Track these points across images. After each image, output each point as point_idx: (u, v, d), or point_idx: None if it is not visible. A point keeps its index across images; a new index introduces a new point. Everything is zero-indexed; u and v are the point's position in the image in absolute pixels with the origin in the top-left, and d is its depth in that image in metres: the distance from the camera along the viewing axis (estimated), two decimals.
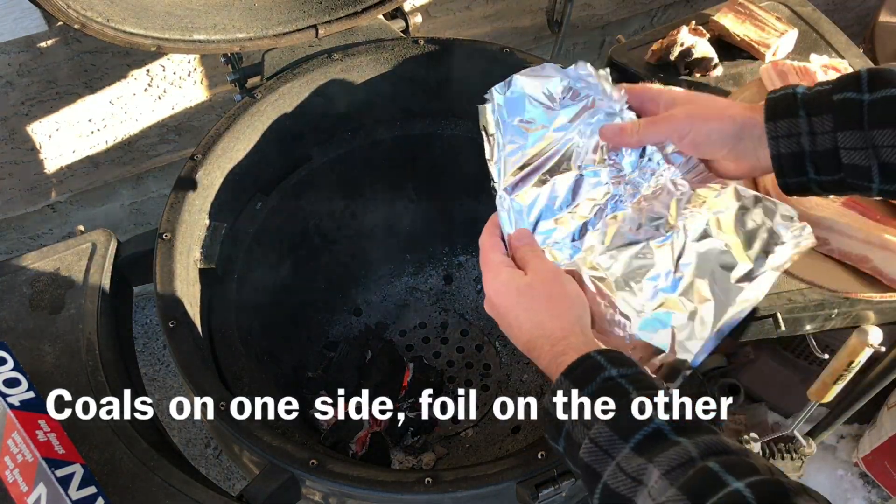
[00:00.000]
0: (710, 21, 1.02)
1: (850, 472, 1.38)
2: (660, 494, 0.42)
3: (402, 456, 1.03)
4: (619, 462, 0.45)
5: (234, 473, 1.33)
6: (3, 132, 1.09)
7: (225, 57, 0.93)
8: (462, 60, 0.95)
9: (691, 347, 0.55)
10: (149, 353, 1.45)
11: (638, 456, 0.44)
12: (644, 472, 0.44)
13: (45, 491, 0.61)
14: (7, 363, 0.69)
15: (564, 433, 0.49)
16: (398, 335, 1.16)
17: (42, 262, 0.81)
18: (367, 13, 0.92)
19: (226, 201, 0.88)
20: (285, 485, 0.66)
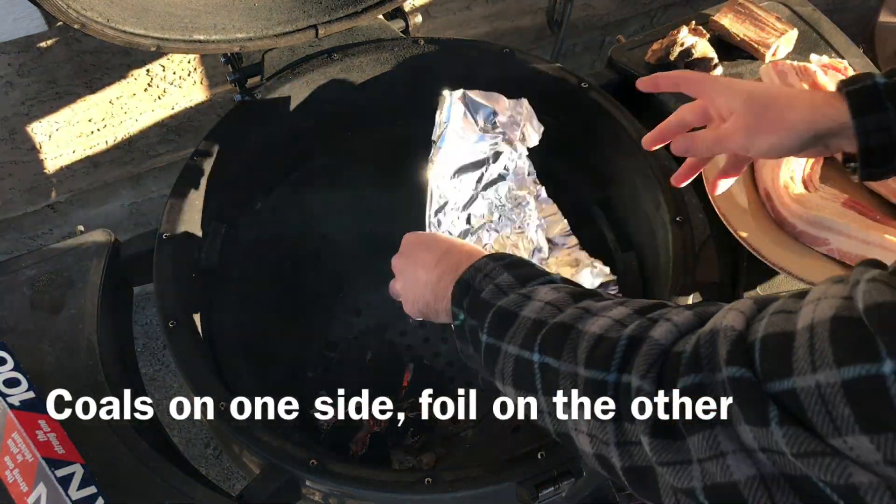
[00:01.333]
0: (710, 21, 1.02)
1: None
2: (545, 295, 0.50)
3: (402, 456, 1.03)
4: (512, 292, 0.52)
5: (234, 473, 1.33)
6: (3, 132, 1.09)
7: (225, 57, 0.93)
8: (462, 61, 0.95)
9: None
10: (149, 353, 1.45)
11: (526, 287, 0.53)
12: (533, 291, 0.52)
13: (45, 491, 0.61)
14: (7, 363, 0.69)
15: (468, 299, 0.55)
16: (398, 335, 1.16)
17: (42, 262, 0.81)
18: (367, 13, 0.92)
19: (226, 201, 0.88)
20: (285, 485, 0.66)
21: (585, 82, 0.89)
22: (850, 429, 0.31)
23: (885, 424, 0.30)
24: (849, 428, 0.31)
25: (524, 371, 0.49)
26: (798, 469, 0.33)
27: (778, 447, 0.34)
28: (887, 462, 0.30)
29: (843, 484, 0.32)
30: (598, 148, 0.92)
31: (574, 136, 0.95)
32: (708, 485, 0.37)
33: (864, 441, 0.31)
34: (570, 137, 0.95)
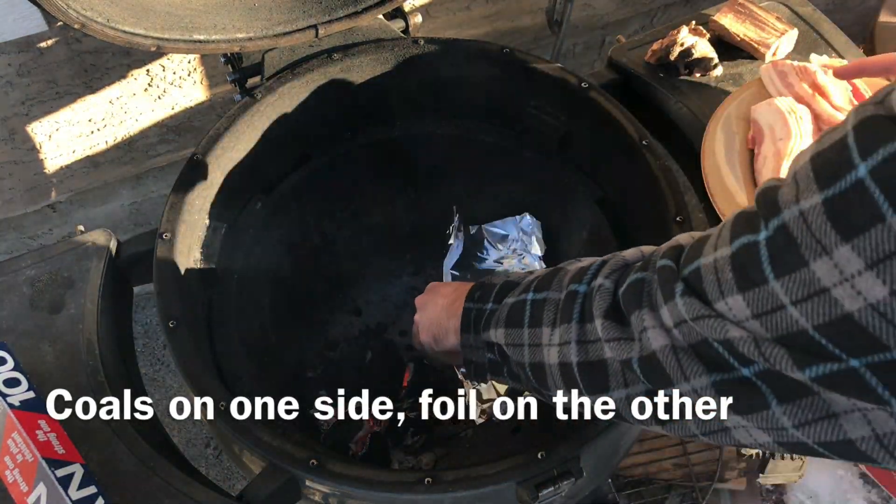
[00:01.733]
0: (710, 21, 1.02)
1: (850, 472, 1.38)
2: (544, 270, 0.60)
3: (402, 456, 1.03)
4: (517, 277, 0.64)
5: (234, 473, 1.33)
6: (3, 132, 1.09)
7: (225, 57, 0.93)
8: (462, 60, 0.95)
9: None
10: (149, 353, 1.45)
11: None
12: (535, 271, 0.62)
13: (45, 491, 0.61)
14: (7, 363, 0.69)
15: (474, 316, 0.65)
16: (398, 335, 1.16)
17: (42, 262, 0.81)
18: (367, 13, 0.92)
19: (226, 201, 0.88)
20: (285, 485, 0.66)
21: (585, 82, 0.89)
22: (730, 290, 0.39)
23: (754, 281, 0.37)
24: (730, 290, 0.39)
25: (517, 311, 0.58)
26: (697, 333, 0.41)
27: (682, 316, 0.42)
28: (754, 316, 0.37)
29: (722, 339, 0.40)
30: (598, 148, 0.92)
31: (574, 136, 0.95)
32: (643, 355, 0.46)
33: (738, 300, 0.38)
34: (570, 137, 0.95)
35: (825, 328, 0.34)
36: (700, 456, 1.27)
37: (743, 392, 0.40)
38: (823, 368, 0.35)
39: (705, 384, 0.42)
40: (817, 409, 0.38)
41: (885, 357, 0.33)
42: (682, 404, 0.45)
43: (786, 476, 1.25)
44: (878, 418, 0.36)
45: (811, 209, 0.33)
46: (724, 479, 1.27)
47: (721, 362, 0.40)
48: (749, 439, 0.43)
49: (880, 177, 0.30)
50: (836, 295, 0.33)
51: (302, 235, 1.06)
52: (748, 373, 0.39)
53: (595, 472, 0.75)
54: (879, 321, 0.32)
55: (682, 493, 1.26)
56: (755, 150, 0.85)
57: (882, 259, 0.31)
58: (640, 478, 1.26)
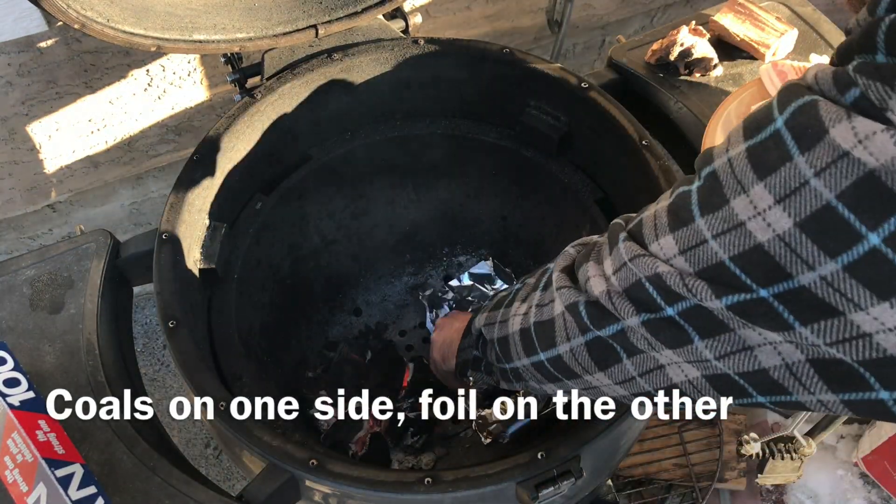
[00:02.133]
0: (710, 21, 1.02)
1: (850, 472, 1.38)
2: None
3: (402, 456, 1.03)
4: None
5: (234, 473, 1.33)
6: (3, 132, 1.09)
7: (225, 57, 0.93)
8: (462, 60, 0.95)
9: None
10: (149, 353, 1.45)
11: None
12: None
13: (45, 491, 0.61)
14: (7, 363, 0.69)
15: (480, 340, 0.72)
16: (398, 335, 1.16)
17: (42, 262, 0.81)
18: (367, 13, 0.92)
19: (226, 201, 0.88)
20: (285, 485, 0.66)
21: (585, 82, 0.89)
22: (663, 231, 0.44)
23: (683, 221, 0.42)
24: (663, 231, 0.44)
25: (502, 297, 0.66)
26: (631, 274, 0.46)
27: (621, 259, 0.47)
28: (681, 252, 0.42)
29: (653, 274, 0.44)
30: (598, 148, 0.92)
31: (574, 136, 0.95)
32: (589, 300, 0.52)
33: (669, 239, 0.43)
34: (570, 137, 0.95)
35: (739, 259, 0.39)
36: (700, 456, 1.27)
37: (669, 329, 0.45)
38: (737, 297, 0.39)
39: (636, 323, 0.47)
40: (734, 343, 0.42)
41: (789, 285, 0.37)
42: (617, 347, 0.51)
43: (784, 476, 1.25)
44: (786, 350, 0.40)
45: (737, 156, 0.39)
46: (724, 479, 1.27)
47: (650, 303, 0.45)
48: (682, 376, 0.47)
49: (792, 125, 0.36)
50: (750, 227, 0.38)
51: (302, 235, 1.06)
52: (672, 312, 0.44)
53: (595, 472, 0.75)
54: (785, 250, 0.36)
55: (682, 493, 1.26)
56: None
57: (788, 194, 0.36)
58: (640, 478, 1.26)
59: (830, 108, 0.34)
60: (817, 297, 0.36)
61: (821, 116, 0.34)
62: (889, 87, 0.33)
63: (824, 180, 0.34)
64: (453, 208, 1.15)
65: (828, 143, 0.34)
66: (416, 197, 1.14)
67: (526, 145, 1.00)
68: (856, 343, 0.36)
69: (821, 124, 0.34)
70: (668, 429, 1.29)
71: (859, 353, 0.36)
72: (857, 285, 0.34)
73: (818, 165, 0.34)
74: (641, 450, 1.27)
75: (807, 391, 0.41)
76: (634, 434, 0.81)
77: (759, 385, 0.43)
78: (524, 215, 1.10)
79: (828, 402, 0.41)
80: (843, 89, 0.34)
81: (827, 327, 0.37)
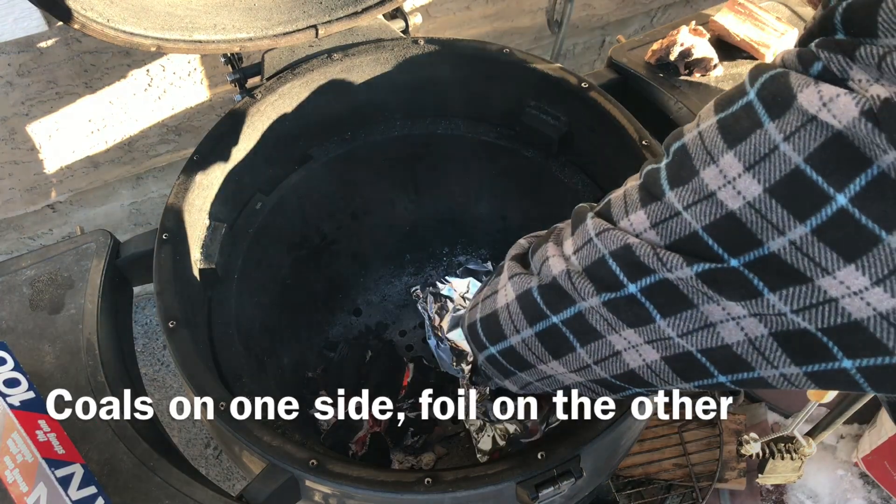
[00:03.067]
0: (710, 21, 1.02)
1: (850, 472, 1.38)
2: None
3: (402, 456, 1.03)
4: None
5: (234, 473, 1.33)
6: (3, 132, 1.09)
7: (225, 57, 0.93)
8: (462, 60, 0.95)
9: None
10: (149, 353, 1.45)
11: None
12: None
13: (45, 491, 0.61)
14: (7, 363, 0.69)
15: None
16: (398, 335, 1.16)
17: (42, 262, 0.81)
18: (367, 13, 0.92)
19: (226, 201, 0.88)
20: (285, 485, 0.66)
21: (585, 82, 0.89)
22: (633, 207, 0.44)
23: (654, 196, 0.43)
24: (633, 207, 0.44)
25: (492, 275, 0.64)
26: (595, 250, 0.46)
27: (587, 236, 0.47)
28: (652, 226, 0.43)
29: (619, 247, 0.44)
30: (598, 148, 0.92)
31: (574, 137, 0.95)
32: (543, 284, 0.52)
33: (640, 214, 0.43)
34: (570, 138, 0.95)
35: (711, 227, 0.39)
36: (700, 456, 1.27)
37: (630, 308, 0.45)
38: (707, 266, 0.40)
39: (596, 303, 0.47)
40: (696, 320, 0.42)
41: (760, 252, 0.37)
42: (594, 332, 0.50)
43: (784, 476, 1.25)
44: (749, 325, 0.40)
45: (707, 128, 0.40)
46: (724, 479, 1.27)
47: (611, 281, 0.45)
48: (638, 360, 0.47)
49: (763, 95, 0.37)
50: (721, 197, 0.38)
51: (302, 235, 1.06)
52: (634, 289, 0.44)
53: (595, 472, 0.75)
54: (755, 216, 0.37)
55: (682, 493, 1.26)
56: None
57: (758, 160, 0.36)
58: (640, 478, 1.26)
59: (798, 77, 0.35)
60: (786, 262, 0.37)
61: (790, 83, 0.35)
62: (849, 59, 0.34)
63: (793, 144, 0.35)
64: (453, 208, 1.15)
65: (796, 108, 0.35)
66: (416, 197, 1.14)
67: (526, 145, 1.00)
68: (822, 309, 0.37)
69: (790, 91, 0.35)
70: (668, 429, 1.29)
71: (824, 320, 0.37)
72: (824, 248, 0.35)
73: (787, 130, 0.35)
74: (641, 450, 1.27)
75: (770, 365, 0.41)
76: (634, 434, 0.81)
77: (721, 362, 0.43)
78: (524, 215, 1.10)
79: (791, 376, 0.41)
80: (808, 64, 0.36)
81: (794, 294, 0.37)
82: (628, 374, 0.49)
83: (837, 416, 1.14)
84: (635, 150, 0.83)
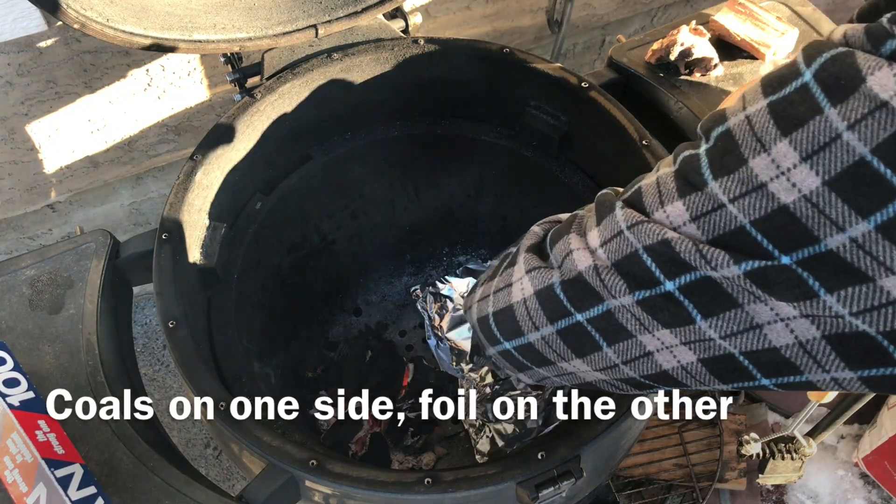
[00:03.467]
0: (710, 21, 1.02)
1: (850, 472, 1.38)
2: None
3: (402, 456, 1.03)
4: None
5: (234, 473, 1.33)
6: (3, 132, 1.09)
7: (225, 57, 0.93)
8: (462, 60, 0.95)
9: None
10: (149, 353, 1.45)
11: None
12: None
13: (45, 491, 0.61)
14: (7, 363, 0.69)
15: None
16: (398, 335, 1.16)
17: (41, 262, 0.81)
18: (367, 13, 0.92)
19: (226, 201, 0.88)
20: (285, 485, 0.66)
21: (585, 82, 0.89)
22: (670, 198, 0.40)
23: (694, 185, 0.39)
24: (670, 198, 0.40)
25: (496, 266, 0.60)
26: (626, 244, 0.42)
27: (616, 228, 0.43)
28: (692, 219, 0.39)
29: (656, 243, 0.40)
30: (598, 148, 0.92)
31: (574, 136, 0.95)
32: (563, 280, 0.48)
33: (678, 205, 0.40)
34: (570, 137, 0.95)
35: (761, 223, 0.36)
36: (700, 456, 1.27)
37: (667, 306, 0.41)
38: (756, 264, 0.36)
39: (629, 302, 0.43)
40: (741, 322, 0.39)
41: (816, 250, 0.34)
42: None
43: (785, 477, 1.25)
44: (800, 326, 0.37)
45: (756, 112, 0.36)
46: (724, 479, 1.27)
47: (645, 277, 0.41)
48: (672, 361, 0.44)
49: (822, 77, 0.33)
50: (773, 189, 0.35)
51: (302, 235, 1.06)
52: (672, 286, 0.40)
53: (595, 472, 0.75)
54: (812, 211, 0.34)
55: (682, 493, 1.26)
56: None
57: (816, 151, 0.33)
58: (640, 478, 1.26)
59: (868, 58, 0.32)
60: (845, 261, 0.34)
61: (857, 65, 0.32)
62: None
63: (858, 133, 0.32)
64: (453, 208, 1.15)
65: (864, 93, 0.32)
66: (416, 197, 1.14)
67: (526, 145, 1.00)
68: (884, 311, 0.34)
69: (857, 73, 0.32)
70: (668, 429, 1.29)
71: (887, 323, 0.34)
72: (890, 246, 0.32)
73: (852, 118, 0.32)
74: (641, 450, 1.27)
75: (821, 369, 0.38)
76: (634, 434, 0.81)
77: (766, 365, 0.40)
78: (524, 215, 1.10)
79: (843, 380, 0.38)
80: (879, 42, 0.32)
81: (855, 294, 0.34)
82: (660, 374, 0.46)
83: (838, 417, 1.14)
84: (635, 150, 0.83)
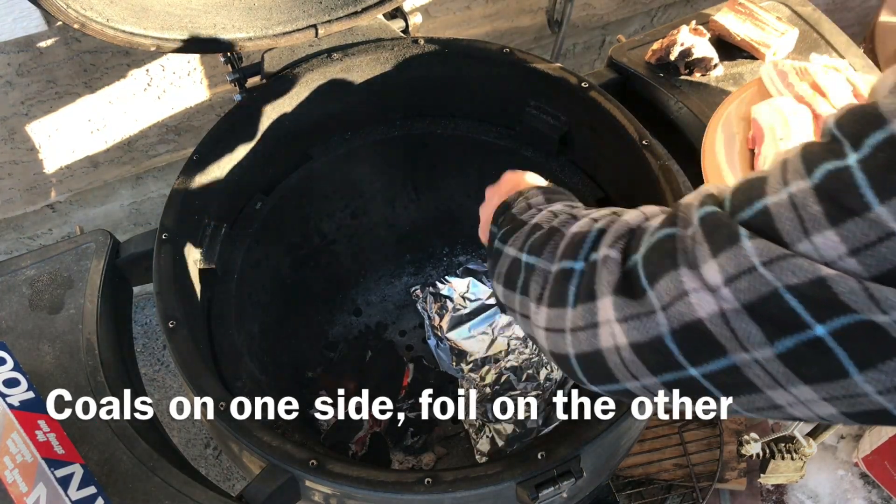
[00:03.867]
0: (710, 21, 1.02)
1: (850, 472, 1.38)
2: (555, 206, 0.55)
3: (402, 456, 1.03)
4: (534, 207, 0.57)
5: (234, 473, 1.33)
6: (3, 132, 1.09)
7: (225, 57, 0.93)
8: (462, 60, 0.95)
9: None
10: (149, 353, 1.45)
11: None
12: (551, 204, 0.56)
13: (45, 491, 0.61)
14: (7, 363, 0.69)
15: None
16: (398, 335, 1.16)
17: (41, 262, 0.81)
18: (367, 13, 0.92)
19: (226, 201, 0.88)
20: (285, 485, 0.66)
21: (585, 82, 0.89)
22: (817, 226, 0.33)
23: (851, 210, 0.31)
24: (817, 225, 0.33)
25: (514, 270, 0.52)
26: (763, 282, 0.34)
27: (746, 263, 0.35)
28: (851, 253, 0.32)
29: (804, 281, 0.33)
30: (598, 148, 0.92)
31: (574, 136, 0.95)
32: (675, 328, 0.38)
33: (830, 235, 0.32)
34: (570, 137, 0.95)
35: None
36: (700, 456, 1.27)
37: (816, 357, 0.33)
38: None
39: (765, 356, 0.35)
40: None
41: None
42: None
43: (786, 476, 1.25)
44: None
45: None
46: (724, 479, 1.27)
47: (788, 322, 0.33)
48: (807, 414, 0.37)
49: None
50: None
51: (302, 235, 1.06)
52: (822, 332, 0.32)
53: (595, 472, 0.75)
54: None
55: (682, 493, 1.26)
56: (755, 150, 0.85)
57: None
58: (640, 478, 1.26)
59: None
60: None
61: None
62: None
63: None
64: (453, 208, 1.15)
65: None
66: (416, 197, 1.14)
67: (526, 145, 1.00)
68: None
69: None
70: (668, 429, 1.29)
71: None
72: None
73: None
74: (641, 450, 1.27)
75: None
76: (634, 434, 0.81)
77: None
78: None
79: None
80: None
81: None
82: (783, 417, 0.39)
83: None
84: (635, 150, 0.83)
